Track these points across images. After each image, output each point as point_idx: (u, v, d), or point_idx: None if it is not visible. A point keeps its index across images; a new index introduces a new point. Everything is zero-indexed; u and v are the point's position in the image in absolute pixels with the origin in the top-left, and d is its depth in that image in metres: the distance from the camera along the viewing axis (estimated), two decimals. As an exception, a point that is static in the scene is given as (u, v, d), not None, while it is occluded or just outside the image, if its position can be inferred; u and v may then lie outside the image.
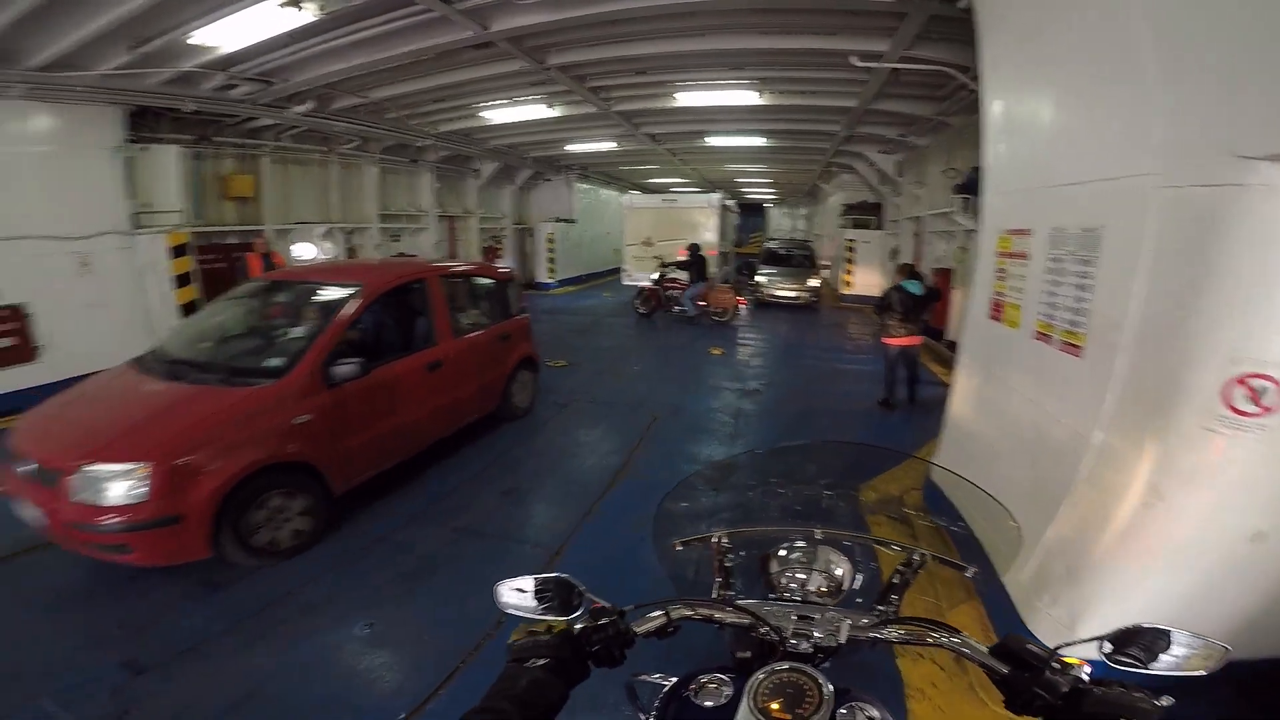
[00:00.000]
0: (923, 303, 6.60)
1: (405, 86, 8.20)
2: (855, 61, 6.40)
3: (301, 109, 8.48)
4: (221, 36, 5.74)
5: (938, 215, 10.11)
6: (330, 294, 4.55)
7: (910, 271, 6.75)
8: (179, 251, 7.98)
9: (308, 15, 5.18)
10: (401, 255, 12.39)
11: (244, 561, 3.55)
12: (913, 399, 6.93)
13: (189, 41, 5.80)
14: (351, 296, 4.35)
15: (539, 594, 1.09)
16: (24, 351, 6.58)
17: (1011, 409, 3.55)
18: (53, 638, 3.08)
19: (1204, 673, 0.89)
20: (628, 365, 8.67)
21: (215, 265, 9.04)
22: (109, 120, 7.11)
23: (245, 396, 3.66)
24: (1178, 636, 0.91)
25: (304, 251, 10.55)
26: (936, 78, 6.99)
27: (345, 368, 3.98)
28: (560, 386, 7.45)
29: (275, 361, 3.96)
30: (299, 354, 3.93)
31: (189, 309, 8.11)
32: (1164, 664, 0.91)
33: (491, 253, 15.97)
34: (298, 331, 4.31)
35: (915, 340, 6.65)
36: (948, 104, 7.93)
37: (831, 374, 8.54)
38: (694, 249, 12.34)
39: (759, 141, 12.03)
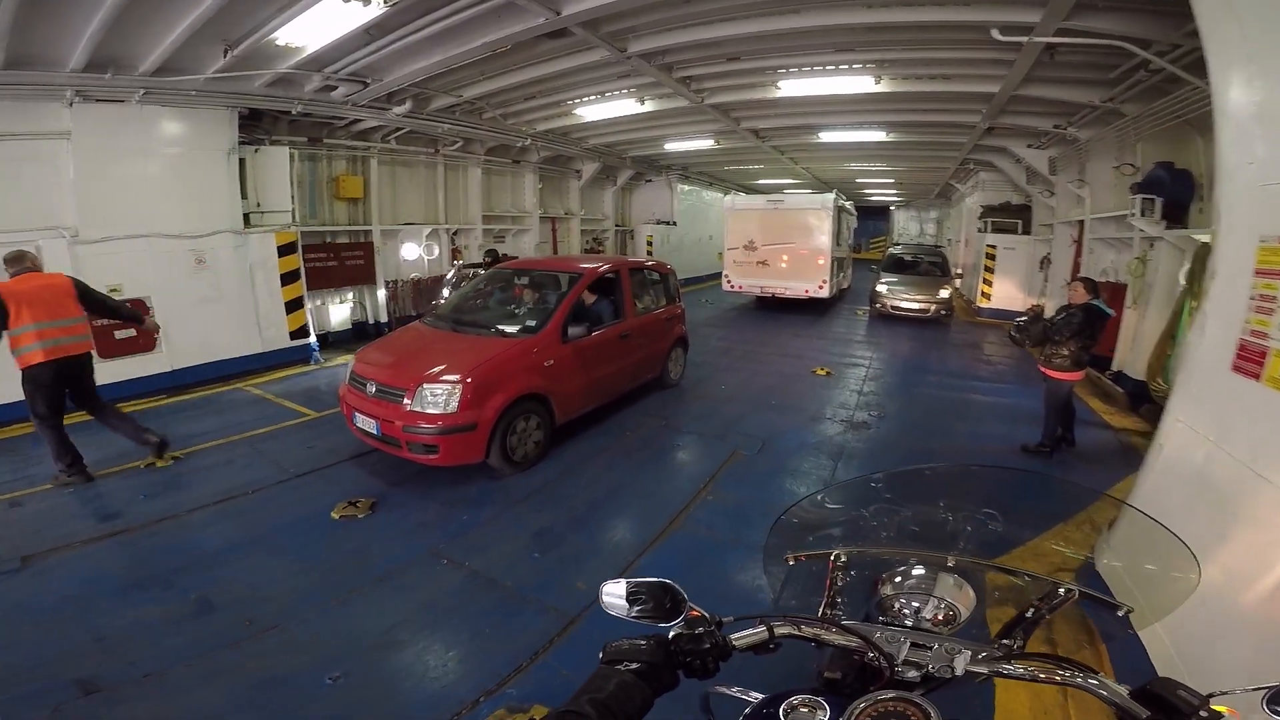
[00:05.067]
0: (1103, 327, 5.26)
1: (494, 83, 8.07)
2: (997, 36, 5.21)
3: (400, 110, 8.65)
4: (304, 35, 5.79)
5: (1106, 219, 8.34)
6: (560, 278, 6.12)
7: (1094, 288, 5.30)
8: (286, 250, 8.37)
9: (374, 9, 5.02)
10: (506, 256, 12.48)
11: (501, 467, 4.76)
12: (1073, 441, 5.66)
13: (278, 43, 5.93)
14: (575, 280, 5.84)
15: (639, 597, 1.06)
16: (146, 342, 7.11)
17: (1259, 509, 2.41)
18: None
19: None
20: (715, 384, 7.84)
21: (325, 264, 9.54)
22: (222, 123, 7.53)
23: (515, 344, 5.09)
24: None
25: (410, 253, 10.89)
26: (1105, 55, 5.62)
27: (576, 329, 5.38)
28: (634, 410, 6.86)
29: (533, 321, 5.45)
30: (548, 316, 5.38)
31: (294, 305, 8.53)
32: None
33: (593, 255, 15.82)
34: (544, 302, 5.88)
35: (1082, 374, 5.34)
36: (1120, 88, 6.39)
37: (960, 407, 7.13)
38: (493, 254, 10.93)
39: (879, 136, 10.70)
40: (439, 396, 4.44)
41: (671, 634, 1.00)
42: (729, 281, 13.76)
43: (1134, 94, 6.37)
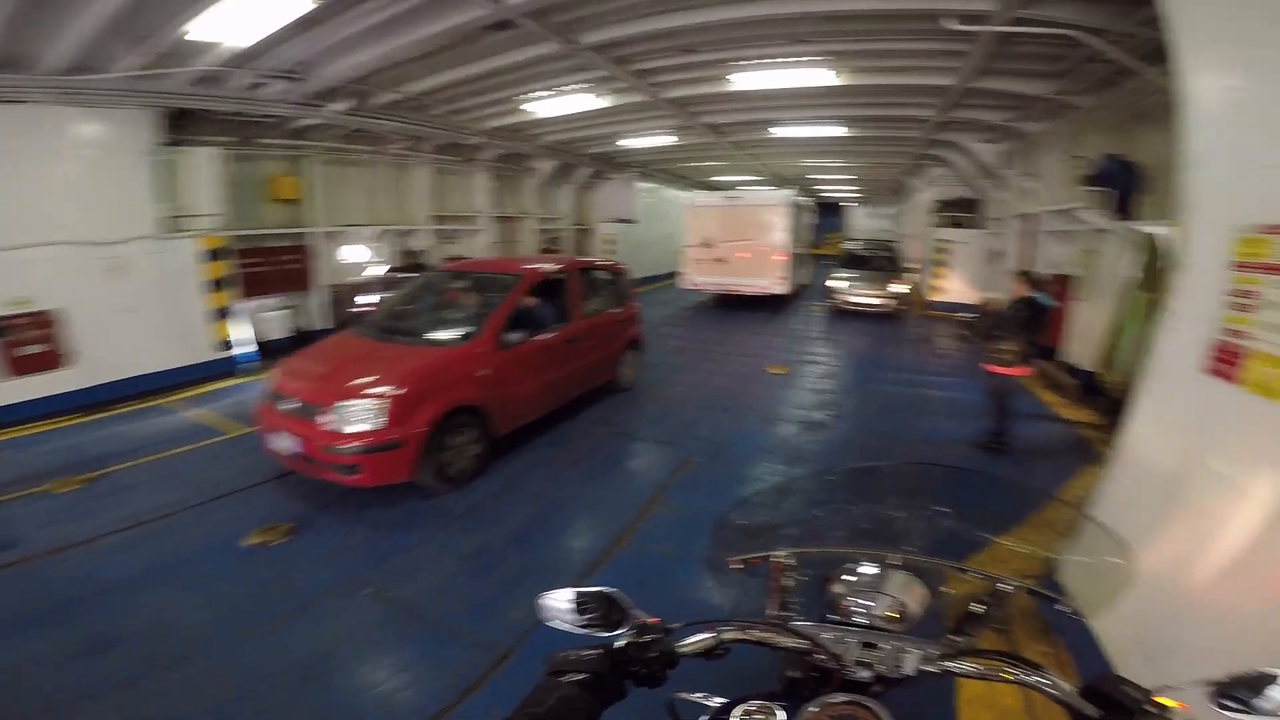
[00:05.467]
0: (1046, 319, 5.25)
1: (438, 78, 7.72)
2: (952, 25, 5.11)
3: (339, 107, 8.19)
4: (221, 30, 5.38)
5: (1056, 212, 8.42)
6: (500, 281, 5.64)
7: (1035, 281, 5.30)
8: (214, 255, 7.83)
9: (307, 2, 4.66)
10: (458, 258, 12.06)
11: (434, 485, 4.38)
12: (999, 441, 5.49)
13: (188, 37, 5.46)
14: (515, 282, 5.42)
15: (583, 607, 1.03)
16: (55, 357, 6.52)
17: (1236, 522, 2.24)
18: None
19: None
20: (670, 387, 7.54)
21: (260, 269, 8.99)
22: (142, 123, 6.97)
23: (447, 353, 4.75)
24: (1267, 677, 0.79)
25: (355, 255, 10.39)
26: (1058, 45, 5.58)
27: (514, 335, 5.05)
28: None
29: (467, 328, 5.06)
30: (484, 322, 5.00)
31: (223, 314, 8.00)
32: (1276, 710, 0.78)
33: (549, 255, 15.46)
34: (481, 307, 5.41)
35: (1028, 369, 5.26)
36: (1070, 80, 6.41)
37: (917, 403, 7.01)
38: (413, 255, 10.64)
39: (837, 131, 10.65)
40: (359, 413, 4.07)
41: (618, 642, 0.97)
42: (688, 280, 13.61)
43: (1085, 86, 6.38)
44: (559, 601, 1.04)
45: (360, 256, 10.32)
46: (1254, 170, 2.38)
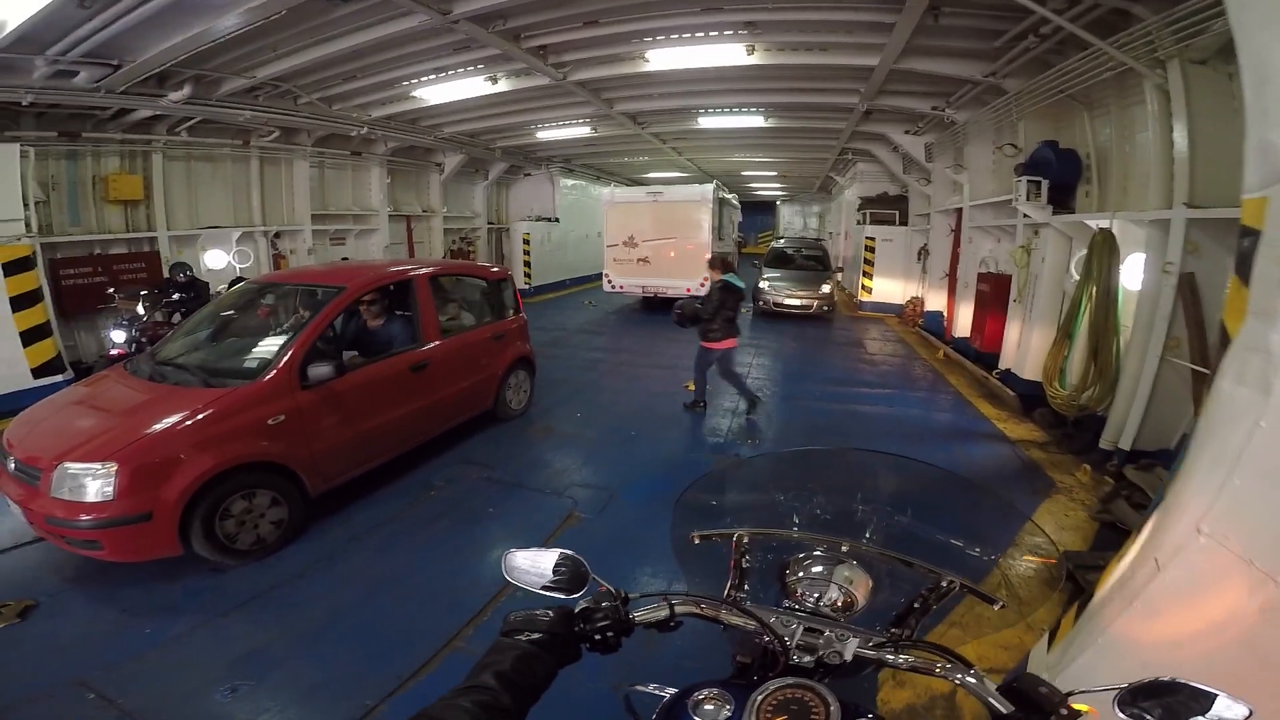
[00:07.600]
0: (740, 297, 5.97)
1: (292, 60, 6.66)
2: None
3: (178, 95, 6.99)
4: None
5: (985, 206, 8.06)
6: (316, 295, 4.62)
7: (726, 265, 5.98)
8: (16, 268, 6.32)
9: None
10: (345, 260, 10.74)
11: (214, 558, 3.50)
12: (754, 405, 6.27)
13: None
14: (332, 299, 4.30)
15: (557, 568, 1.07)
16: None
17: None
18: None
19: None
20: (570, 411, 6.47)
21: (92, 280, 7.56)
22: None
23: (219, 397, 3.63)
24: (1195, 693, 0.78)
25: (215, 261, 8.98)
26: (990, 19, 5.06)
27: (321, 369, 3.93)
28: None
29: (252, 362, 4.07)
30: (276, 355, 3.92)
31: (38, 334, 6.51)
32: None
33: (461, 256, 14.22)
34: (285, 331, 4.45)
35: (735, 341, 5.98)
36: (1003, 61, 5.92)
37: (846, 422, 6.18)
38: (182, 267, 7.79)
39: (758, 121, 10.04)
40: (85, 480, 3.15)
41: (578, 606, 1.01)
42: (609, 281, 12.76)
43: (1016, 67, 5.91)
44: (531, 560, 1.08)
45: (220, 262, 8.91)
46: None
